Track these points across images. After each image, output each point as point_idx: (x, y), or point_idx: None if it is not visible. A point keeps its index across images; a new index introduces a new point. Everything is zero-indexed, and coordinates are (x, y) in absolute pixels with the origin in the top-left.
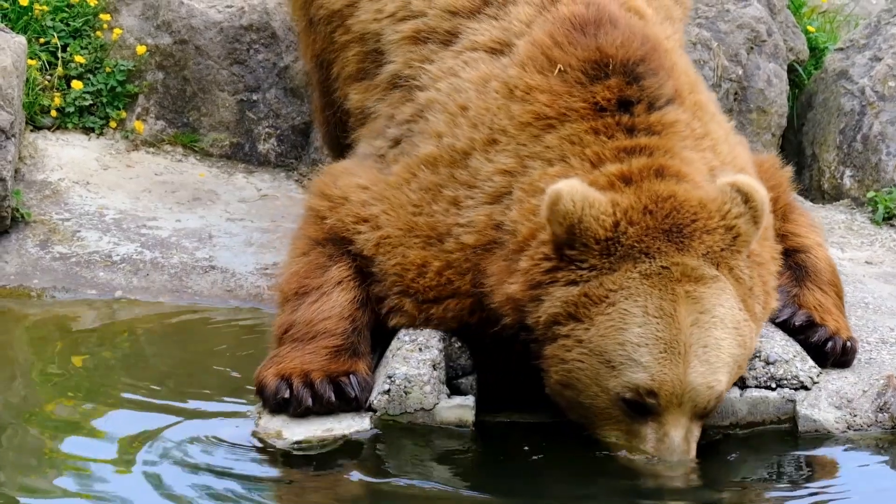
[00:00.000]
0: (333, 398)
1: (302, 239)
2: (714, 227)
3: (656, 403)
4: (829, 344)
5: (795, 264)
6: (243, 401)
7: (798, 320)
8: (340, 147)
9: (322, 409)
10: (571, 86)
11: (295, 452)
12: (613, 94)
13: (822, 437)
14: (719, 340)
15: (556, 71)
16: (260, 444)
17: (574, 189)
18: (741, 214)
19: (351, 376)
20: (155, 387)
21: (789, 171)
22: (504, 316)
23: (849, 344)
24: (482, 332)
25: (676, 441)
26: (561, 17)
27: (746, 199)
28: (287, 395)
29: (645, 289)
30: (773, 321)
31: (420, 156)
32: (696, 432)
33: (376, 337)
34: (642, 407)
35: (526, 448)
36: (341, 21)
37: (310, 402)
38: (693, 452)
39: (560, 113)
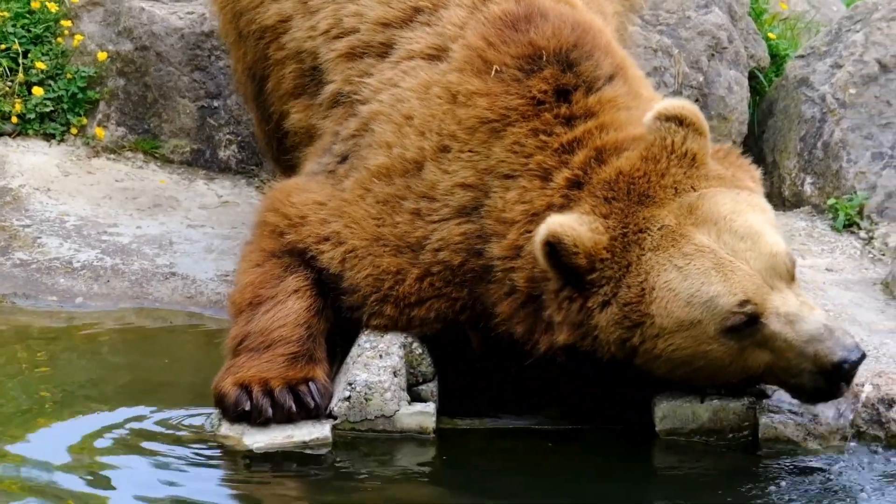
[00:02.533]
0: (294, 407)
1: (256, 252)
2: (665, 167)
3: (754, 304)
4: None
5: None
6: (204, 407)
7: None
8: (283, 162)
9: (282, 418)
10: (508, 84)
11: (256, 455)
12: (549, 84)
13: (782, 444)
14: (746, 223)
15: (493, 72)
16: (220, 451)
17: (552, 224)
18: (685, 137)
19: (310, 384)
20: (115, 393)
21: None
22: (555, 357)
23: None
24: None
25: (797, 309)
26: (492, 17)
27: (679, 120)
28: (248, 406)
29: (662, 255)
30: None
31: (371, 168)
32: (802, 292)
33: (336, 344)
34: (750, 319)
35: (487, 453)
36: (274, 37)
37: (270, 412)
38: (815, 304)
39: (501, 115)
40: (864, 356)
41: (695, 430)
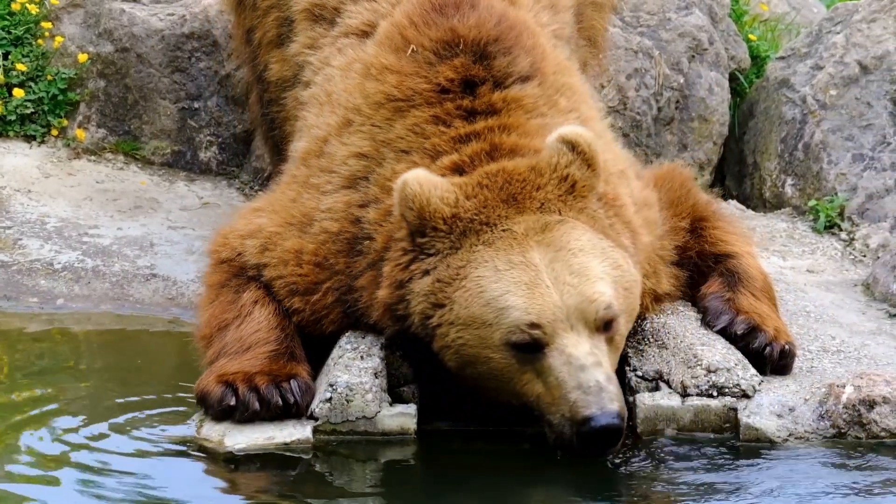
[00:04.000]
0: (281, 403)
1: (207, 290)
2: (545, 182)
3: (542, 333)
4: (767, 350)
5: (726, 270)
6: (184, 408)
7: (739, 328)
8: (266, 126)
9: (268, 414)
10: (420, 66)
11: (237, 456)
12: (458, 74)
13: (763, 445)
14: (585, 263)
15: (409, 51)
16: (200, 453)
17: (419, 174)
18: (571, 162)
19: (293, 381)
20: (95, 393)
21: (691, 171)
22: (385, 327)
23: (787, 348)
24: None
25: (582, 356)
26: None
27: (573, 146)
28: (233, 401)
29: (490, 253)
30: (712, 328)
31: (297, 155)
32: (604, 347)
33: (314, 348)
34: (534, 344)
35: (468, 455)
36: None
37: (257, 406)
38: (608, 369)
39: (407, 95)
40: (617, 430)
41: (676, 430)
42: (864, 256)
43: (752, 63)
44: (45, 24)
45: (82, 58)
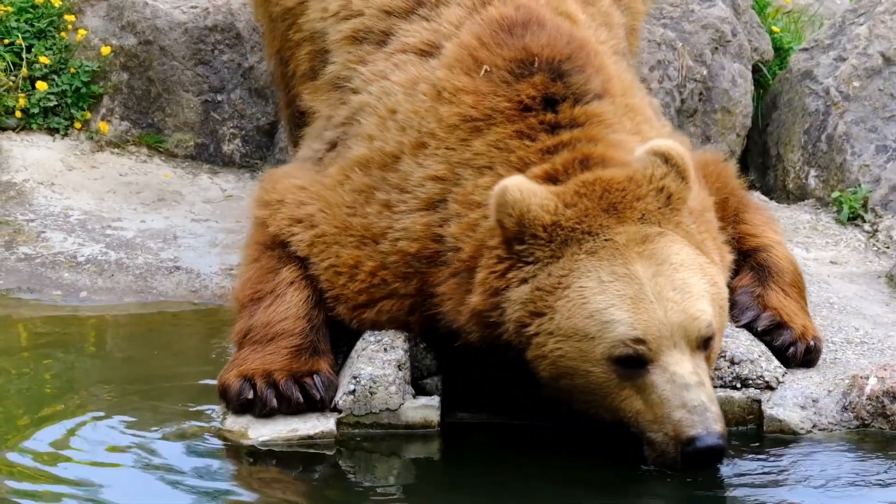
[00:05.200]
0: (301, 399)
1: (251, 246)
2: (644, 193)
3: (647, 349)
4: (792, 349)
5: (757, 264)
6: (208, 401)
7: (762, 324)
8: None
9: (288, 409)
10: (497, 85)
11: (261, 449)
12: (538, 91)
13: (787, 437)
14: (686, 279)
15: (483, 71)
16: (224, 445)
17: (519, 181)
18: (666, 174)
19: (315, 376)
20: (120, 386)
21: (733, 164)
22: (470, 333)
23: (812, 344)
24: (430, 332)
25: (686, 375)
26: (489, 20)
27: (666, 158)
28: (251, 395)
29: (593, 263)
30: (736, 323)
31: (353, 158)
32: (704, 365)
33: (342, 335)
34: (637, 359)
35: (492, 448)
36: (294, 19)
37: (275, 402)
38: (709, 385)
39: (485, 114)
40: (721, 451)
41: None
42: (888, 248)
43: (776, 55)
44: (69, 17)
45: (105, 50)
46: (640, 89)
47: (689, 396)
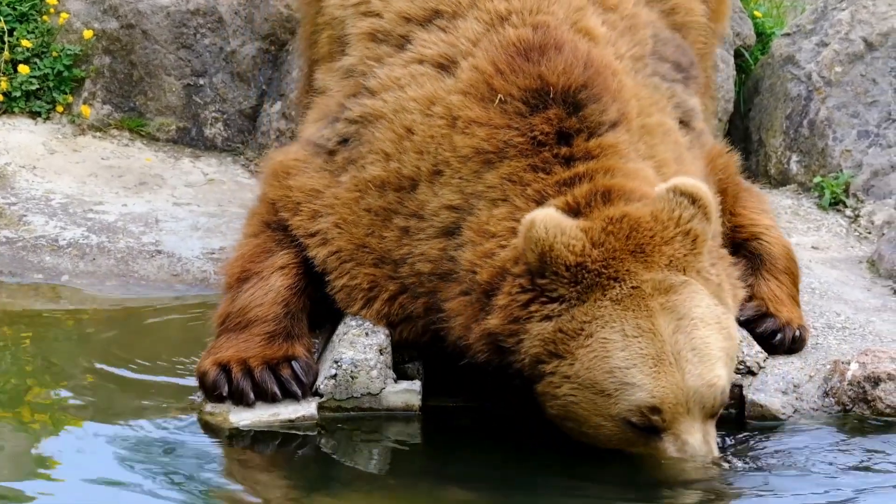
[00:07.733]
0: (279, 393)
1: (255, 217)
2: (671, 236)
3: (661, 419)
4: (778, 336)
5: (750, 252)
6: (190, 384)
7: (745, 314)
8: None
9: (264, 399)
10: (511, 118)
11: (243, 432)
12: (552, 126)
13: (768, 421)
14: (706, 338)
15: (497, 101)
16: (205, 429)
17: (548, 216)
18: (693, 216)
19: (294, 363)
20: (101, 369)
21: (737, 156)
22: (478, 352)
23: (798, 333)
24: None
25: (697, 446)
26: (506, 42)
27: (693, 199)
28: (225, 391)
29: (618, 313)
30: None
31: (369, 176)
32: (713, 431)
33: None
34: (651, 426)
35: (472, 432)
36: (319, 5)
37: (252, 397)
38: (716, 450)
39: (498, 148)
40: None
41: None
42: (869, 233)
43: (758, 40)
44: (51, 1)
45: (87, 34)
46: (656, 103)
47: (691, 469)
